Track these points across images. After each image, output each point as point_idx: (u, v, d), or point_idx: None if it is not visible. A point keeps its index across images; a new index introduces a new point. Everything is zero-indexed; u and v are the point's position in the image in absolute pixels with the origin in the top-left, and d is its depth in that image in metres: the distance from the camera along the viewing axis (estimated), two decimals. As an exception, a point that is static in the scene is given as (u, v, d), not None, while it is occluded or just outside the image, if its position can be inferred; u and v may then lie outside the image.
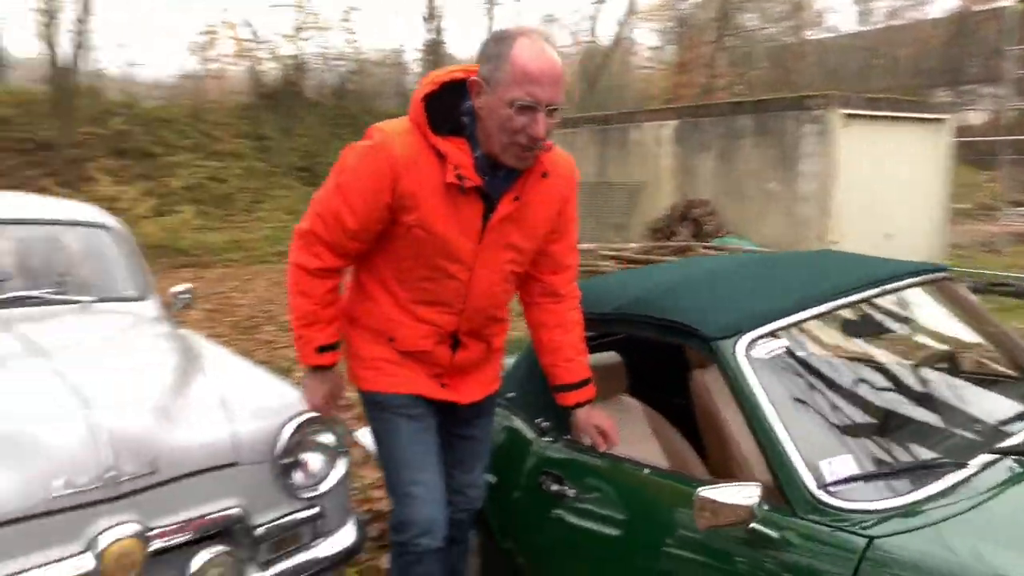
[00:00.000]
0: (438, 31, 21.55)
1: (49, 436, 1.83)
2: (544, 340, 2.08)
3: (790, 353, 1.84)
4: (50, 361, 2.19)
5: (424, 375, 1.96)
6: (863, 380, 1.93)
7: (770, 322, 1.84)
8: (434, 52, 21.06)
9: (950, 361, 2.13)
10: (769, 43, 29.30)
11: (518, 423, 2.35)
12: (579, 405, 2.08)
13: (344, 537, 2.28)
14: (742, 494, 1.52)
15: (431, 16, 21.47)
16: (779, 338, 1.83)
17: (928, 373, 2.05)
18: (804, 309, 1.89)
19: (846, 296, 1.97)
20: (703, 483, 1.63)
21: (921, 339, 2.30)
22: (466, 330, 1.94)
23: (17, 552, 1.70)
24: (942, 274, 2.28)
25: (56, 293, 2.92)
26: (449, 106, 1.77)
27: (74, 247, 3.20)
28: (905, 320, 2.21)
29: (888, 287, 2.04)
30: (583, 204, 12.16)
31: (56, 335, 2.54)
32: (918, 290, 2.24)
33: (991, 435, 1.82)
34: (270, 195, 15.96)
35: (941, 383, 2.02)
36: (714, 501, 1.53)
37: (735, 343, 1.79)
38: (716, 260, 2.71)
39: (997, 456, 1.65)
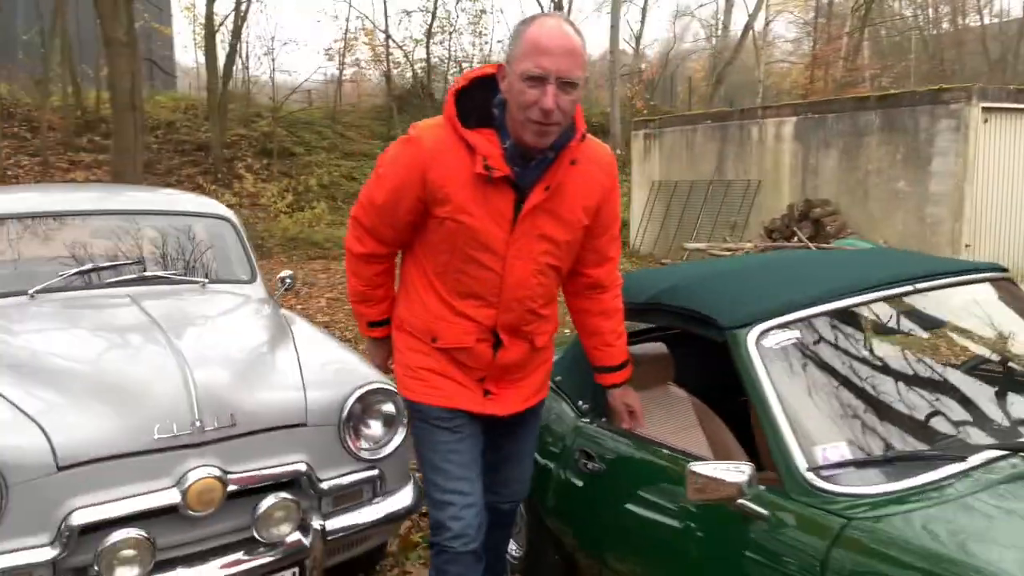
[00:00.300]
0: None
1: (154, 390, 2.20)
2: (586, 324, 2.16)
3: (801, 344, 1.88)
4: (165, 330, 2.57)
5: (468, 382, 1.99)
6: (875, 374, 1.93)
7: (784, 314, 1.90)
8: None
9: (989, 361, 2.09)
10: (922, 31, 27.24)
11: (563, 406, 2.51)
12: (615, 386, 2.21)
13: (402, 498, 2.54)
14: (732, 471, 1.61)
15: (556, 16, 21.67)
16: (792, 330, 1.89)
17: (949, 372, 2.03)
18: (822, 303, 1.93)
19: (872, 292, 1.99)
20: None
21: (961, 338, 2.25)
22: (504, 325, 1.95)
23: (120, 482, 2.06)
24: (998, 274, 2.23)
25: (181, 274, 3.38)
26: (480, 101, 1.83)
27: (199, 235, 3.67)
28: (942, 319, 2.18)
29: (921, 285, 2.03)
30: (697, 202, 11.99)
31: (175, 309, 2.96)
32: (975, 288, 2.20)
33: (1007, 436, 1.79)
34: (397, 193, 16.79)
35: (963, 382, 1.99)
36: (704, 476, 1.63)
37: (747, 333, 1.87)
38: (766, 256, 2.74)
39: (1002, 453, 1.64)
